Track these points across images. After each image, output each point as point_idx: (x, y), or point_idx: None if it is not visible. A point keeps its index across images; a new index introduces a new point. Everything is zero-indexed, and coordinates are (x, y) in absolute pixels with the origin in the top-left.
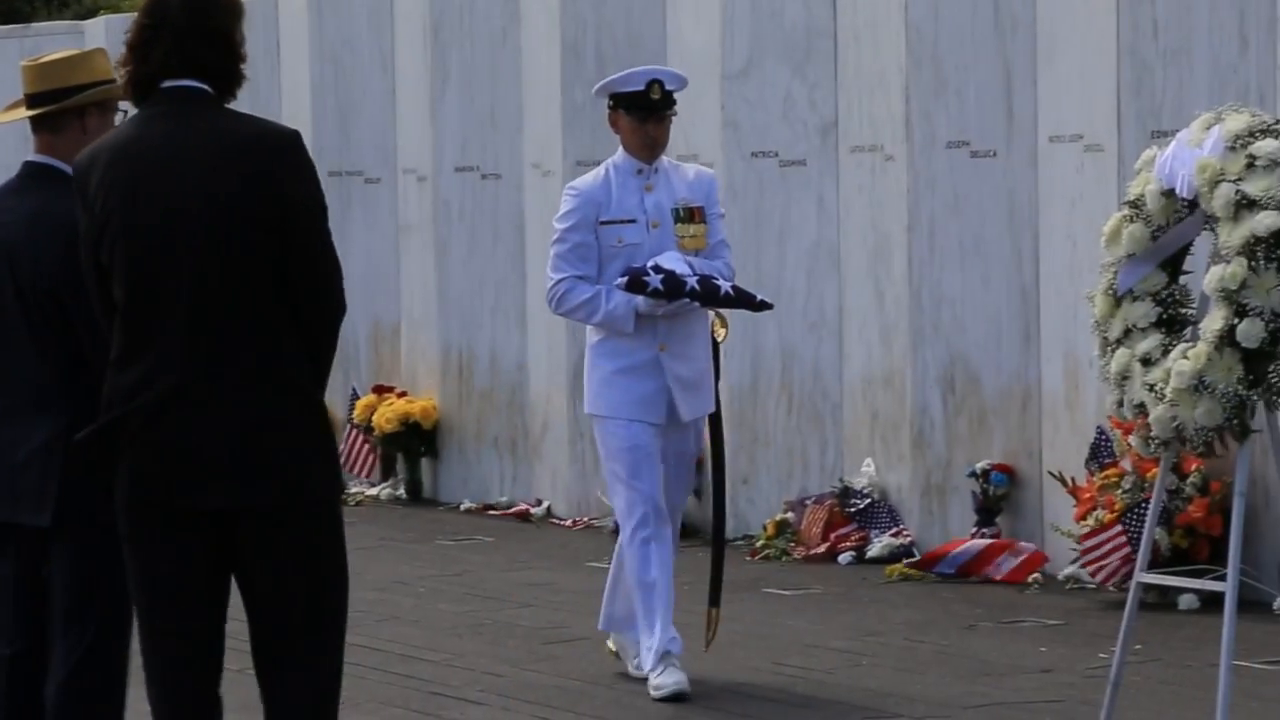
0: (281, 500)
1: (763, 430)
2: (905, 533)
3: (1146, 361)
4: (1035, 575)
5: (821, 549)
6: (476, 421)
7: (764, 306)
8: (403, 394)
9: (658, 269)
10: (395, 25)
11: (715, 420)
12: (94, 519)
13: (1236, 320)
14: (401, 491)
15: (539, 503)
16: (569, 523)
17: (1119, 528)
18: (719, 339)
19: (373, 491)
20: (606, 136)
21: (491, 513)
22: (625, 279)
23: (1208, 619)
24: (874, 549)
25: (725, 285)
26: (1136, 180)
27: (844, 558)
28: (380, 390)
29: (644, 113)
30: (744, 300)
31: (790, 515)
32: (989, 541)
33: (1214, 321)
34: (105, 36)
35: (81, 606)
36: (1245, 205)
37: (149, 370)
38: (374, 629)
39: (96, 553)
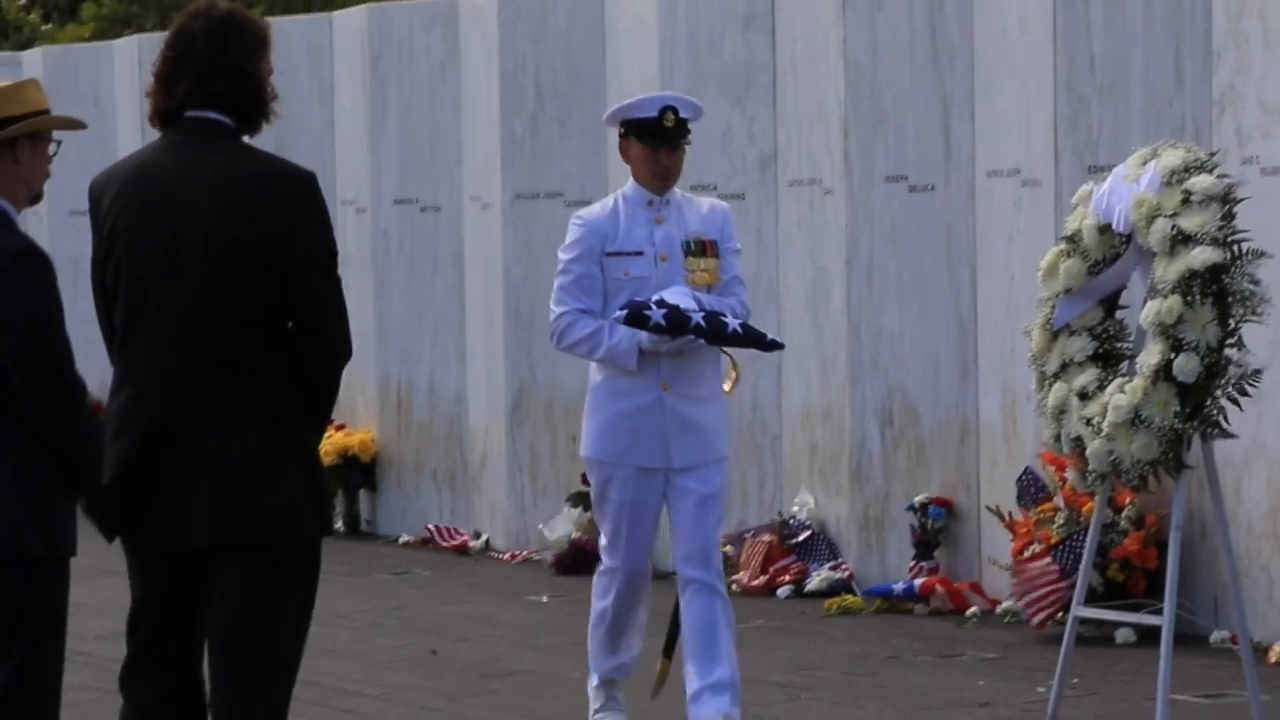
0: (263, 540)
1: None
2: (844, 566)
3: (1083, 395)
4: (972, 610)
5: (760, 582)
6: (415, 454)
7: (775, 346)
8: (341, 427)
9: (661, 303)
10: (334, 57)
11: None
12: (28, 550)
13: (1173, 355)
14: (340, 524)
15: (477, 535)
16: (508, 556)
17: (1050, 559)
18: (725, 389)
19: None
20: (546, 169)
21: (430, 532)
22: (624, 312)
23: (1144, 653)
24: (813, 582)
25: (733, 323)
26: (1074, 215)
27: (783, 591)
28: None
29: (656, 141)
30: (753, 339)
31: (729, 548)
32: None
33: (1150, 356)
34: (43, 68)
35: (5, 640)
36: (1181, 240)
37: (138, 400)
38: (311, 662)
39: (24, 585)
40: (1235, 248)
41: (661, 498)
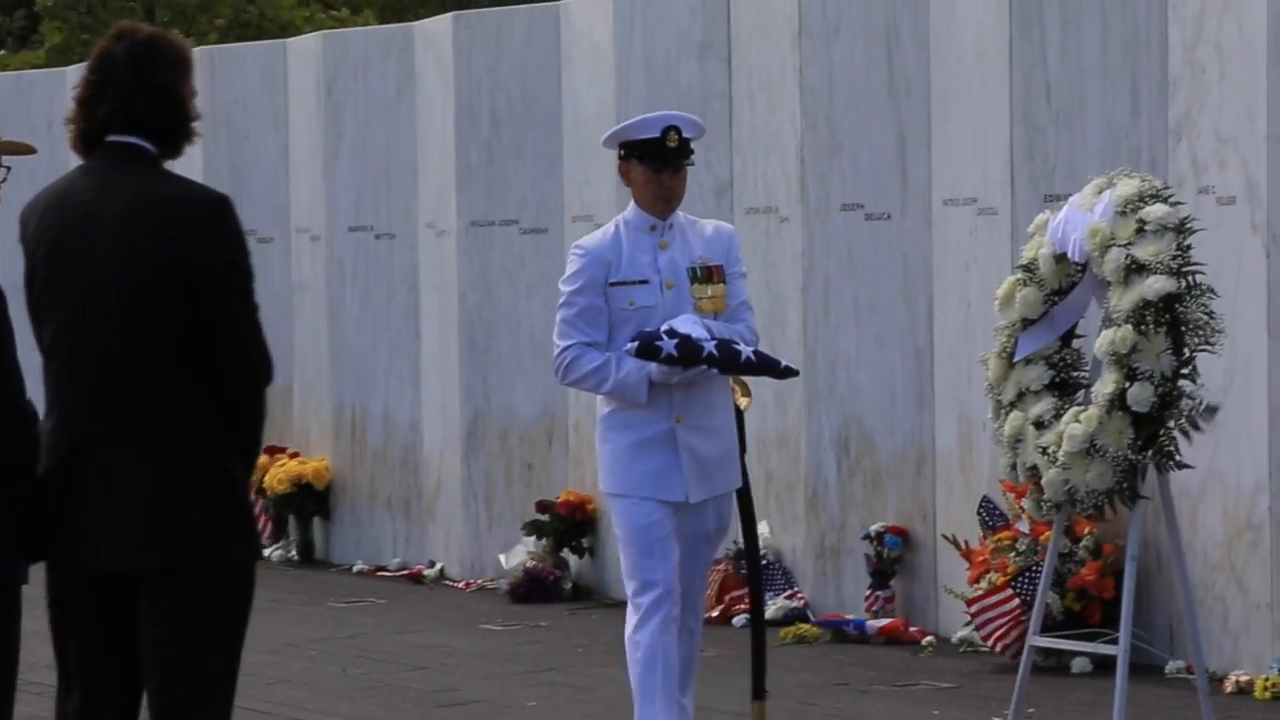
0: (182, 563)
1: None
2: (799, 595)
3: (1039, 424)
4: (929, 638)
5: (716, 612)
6: (369, 482)
7: (789, 373)
8: (295, 455)
9: (672, 333)
10: (288, 83)
11: (744, 496)
12: None
13: (1127, 384)
14: (293, 553)
15: (432, 564)
16: (462, 584)
17: (1010, 590)
18: (741, 407)
19: (264, 553)
20: (501, 196)
21: (383, 574)
22: (636, 344)
23: (1100, 682)
24: (768, 611)
25: (746, 350)
26: (1030, 244)
27: (738, 620)
28: (272, 451)
29: (659, 163)
30: (766, 366)
31: None
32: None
33: (1105, 385)
34: None
35: None
36: (1135, 270)
37: (62, 424)
38: (264, 691)
39: None
40: (1189, 277)
41: (674, 525)
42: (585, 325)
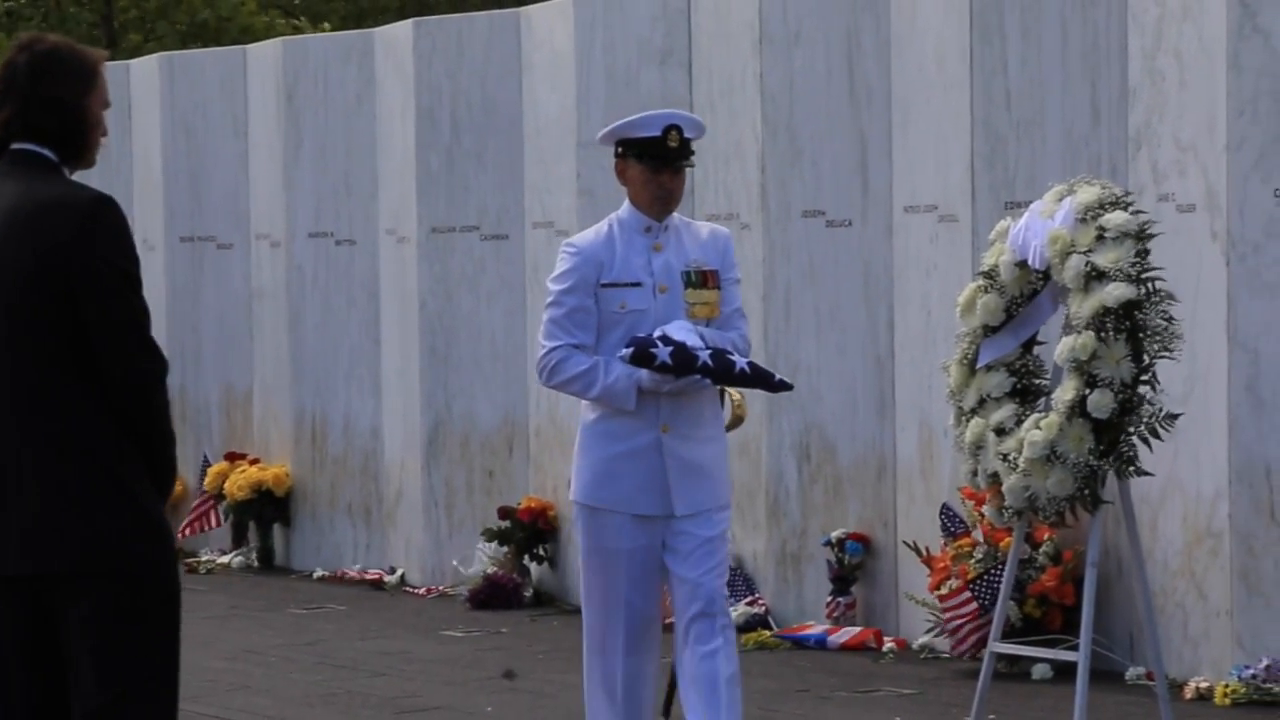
0: (79, 569)
1: None
2: (760, 601)
3: (1000, 431)
4: (889, 645)
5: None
6: (330, 488)
7: (783, 387)
8: (255, 461)
9: (666, 340)
10: (248, 90)
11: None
12: None
13: (1087, 391)
14: (254, 559)
15: (392, 570)
16: (423, 591)
17: (968, 593)
18: (742, 416)
19: (224, 559)
20: (462, 202)
21: (344, 580)
22: (631, 350)
23: (1061, 689)
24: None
25: (740, 362)
26: (990, 251)
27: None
28: (232, 457)
29: (658, 163)
30: (760, 379)
31: None
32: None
33: (1065, 392)
34: None
35: None
36: (1095, 277)
37: None
38: (224, 698)
39: None
40: (1149, 284)
41: (661, 545)
42: (574, 327)
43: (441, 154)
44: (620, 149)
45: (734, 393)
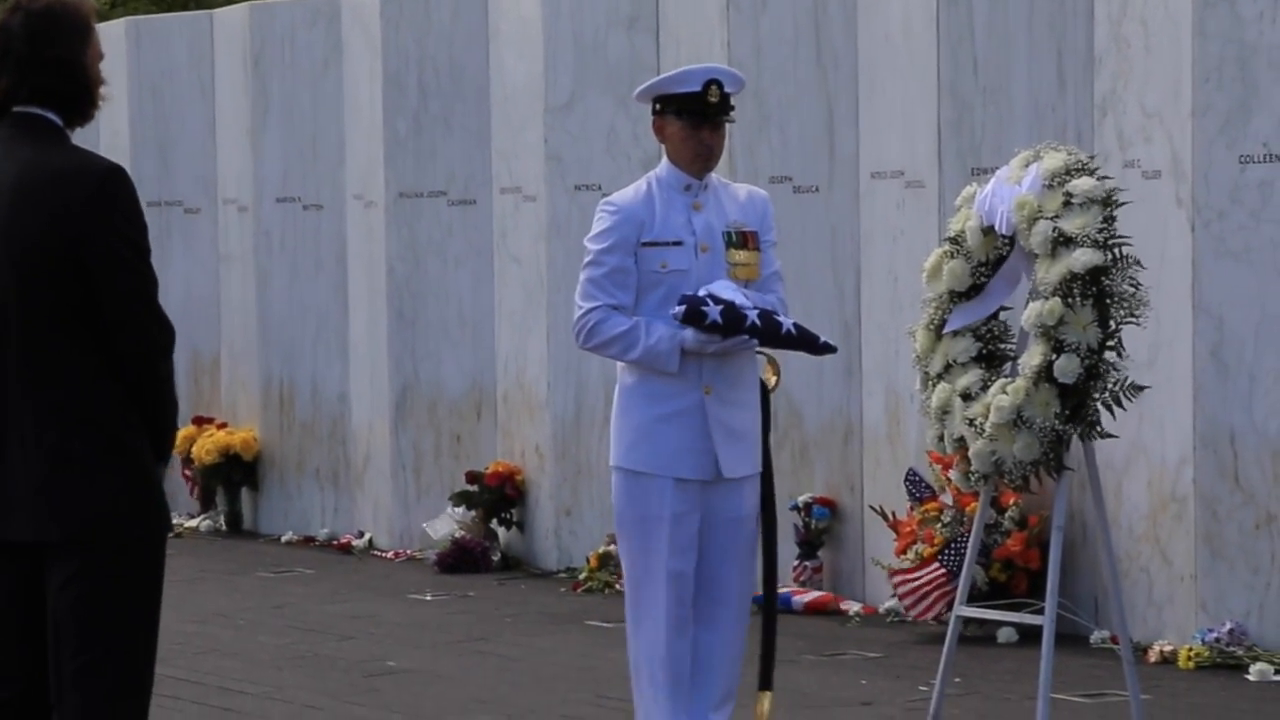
0: (79, 537)
1: (585, 462)
2: None
3: (967, 396)
4: (856, 609)
5: None
6: (298, 453)
7: (828, 349)
8: (223, 425)
9: (714, 299)
10: (215, 55)
11: (766, 478)
12: None
13: (1054, 356)
14: (221, 523)
15: (360, 535)
16: (391, 555)
17: (937, 563)
18: (769, 386)
19: (192, 523)
20: (429, 167)
21: (311, 545)
22: (683, 308)
23: (1026, 652)
24: None
25: (787, 323)
26: (957, 217)
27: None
28: (200, 421)
29: (698, 118)
30: (806, 341)
31: (614, 547)
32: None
33: (1032, 357)
34: None
35: None
36: (1062, 243)
37: None
38: (192, 661)
39: None
40: (1116, 250)
41: (699, 511)
42: (613, 287)
43: (409, 119)
44: (658, 105)
45: (767, 362)
